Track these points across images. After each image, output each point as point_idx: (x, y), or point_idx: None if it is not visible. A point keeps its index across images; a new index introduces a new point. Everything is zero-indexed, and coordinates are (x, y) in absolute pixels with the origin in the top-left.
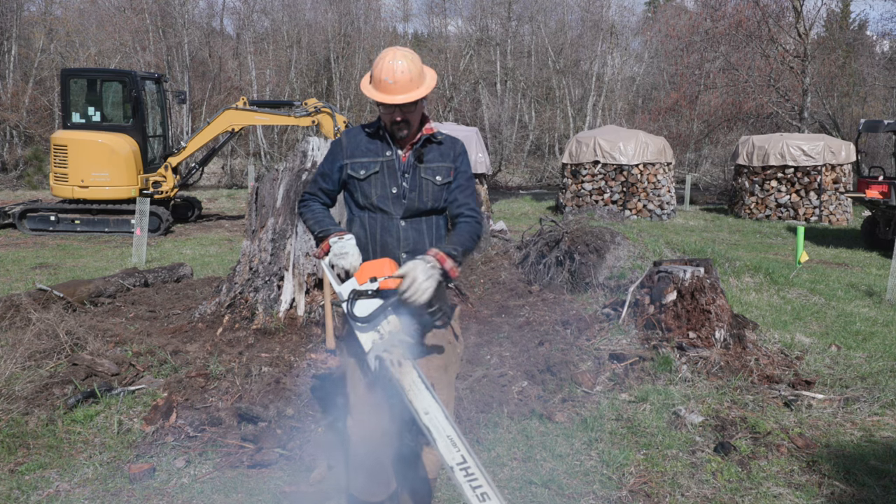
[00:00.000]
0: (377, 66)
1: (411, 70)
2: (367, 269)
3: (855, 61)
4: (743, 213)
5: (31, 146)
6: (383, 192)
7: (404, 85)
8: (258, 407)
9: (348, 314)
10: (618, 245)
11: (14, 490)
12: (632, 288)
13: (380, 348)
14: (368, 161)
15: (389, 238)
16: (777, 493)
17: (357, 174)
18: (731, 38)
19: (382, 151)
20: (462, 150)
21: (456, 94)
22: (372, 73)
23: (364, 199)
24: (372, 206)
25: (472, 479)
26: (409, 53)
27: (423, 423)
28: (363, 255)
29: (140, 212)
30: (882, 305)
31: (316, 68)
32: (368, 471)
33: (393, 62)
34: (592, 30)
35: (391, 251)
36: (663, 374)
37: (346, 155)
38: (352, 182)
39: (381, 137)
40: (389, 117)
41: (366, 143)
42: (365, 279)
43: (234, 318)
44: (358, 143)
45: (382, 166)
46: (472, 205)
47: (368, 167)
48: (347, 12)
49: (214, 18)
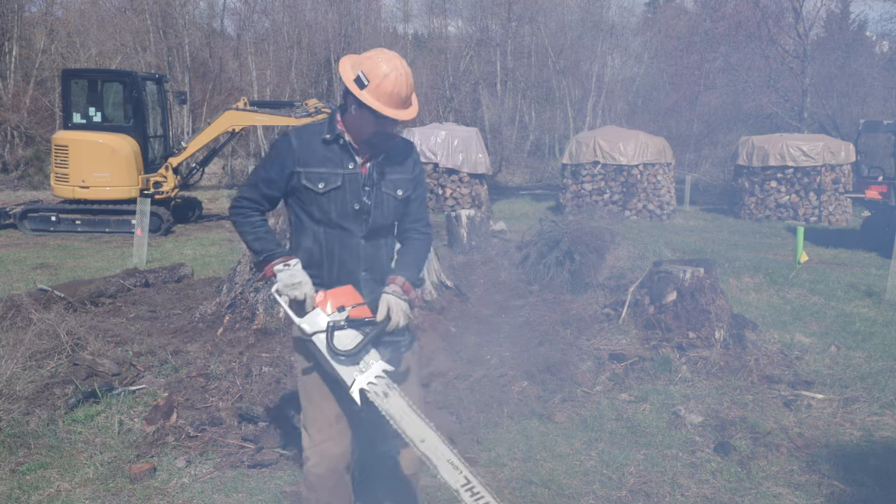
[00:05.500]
0: (385, 77)
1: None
2: (331, 298)
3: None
4: (743, 213)
5: (32, 146)
6: (344, 208)
7: (411, 98)
8: (258, 407)
9: (329, 349)
10: (618, 245)
11: (15, 490)
12: (632, 288)
13: (363, 381)
14: (327, 173)
15: (349, 256)
16: (777, 492)
17: (314, 186)
18: (730, 39)
19: (343, 163)
20: (417, 156)
21: (456, 95)
22: (373, 82)
23: (321, 213)
24: (330, 222)
25: (479, 498)
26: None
27: (420, 451)
28: (317, 271)
29: (141, 212)
30: (882, 305)
31: (316, 69)
32: (329, 492)
33: (402, 75)
34: (592, 30)
35: (350, 270)
36: (663, 374)
37: (298, 161)
38: (306, 193)
39: (342, 146)
40: (379, 129)
41: (322, 151)
42: (332, 309)
43: (235, 318)
44: (313, 149)
45: (344, 180)
46: (426, 219)
47: (328, 180)
48: (348, 13)
49: (215, 19)
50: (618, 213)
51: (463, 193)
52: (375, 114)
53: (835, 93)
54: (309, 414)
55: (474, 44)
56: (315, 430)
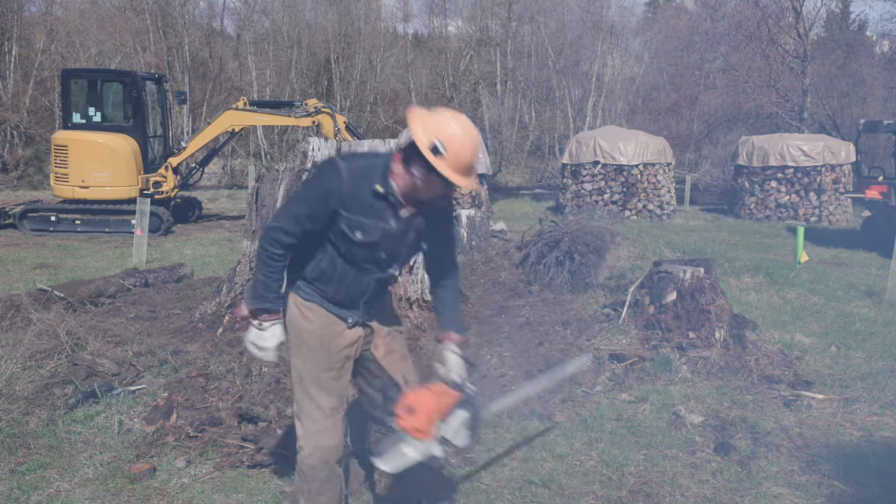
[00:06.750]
0: (462, 147)
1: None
2: (424, 409)
3: (855, 62)
4: (743, 213)
5: (32, 146)
6: (372, 256)
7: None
8: (258, 407)
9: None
10: (618, 245)
11: (14, 490)
12: (632, 288)
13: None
14: (370, 224)
15: (358, 287)
16: (777, 493)
17: (351, 234)
18: (730, 39)
19: (386, 219)
20: (452, 206)
21: (456, 95)
22: (450, 151)
23: (348, 253)
24: (353, 261)
25: None
26: (472, 125)
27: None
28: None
29: (140, 212)
30: (882, 305)
31: (316, 69)
32: (321, 483)
33: (476, 144)
34: (592, 30)
35: (353, 297)
36: (663, 374)
37: (343, 203)
38: (341, 234)
39: (391, 203)
40: (437, 192)
41: (370, 200)
42: (430, 423)
43: (235, 317)
44: (361, 196)
45: (382, 234)
46: (455, 255)
47: (367, 231)
48: (347, 13)
49: (215, 19)
50: (618, 213)
51: (463, 193)
52: (446, 181)
53: (835, 93)
54: (304, 404)
55: (474, 44)
56: (310, 420)
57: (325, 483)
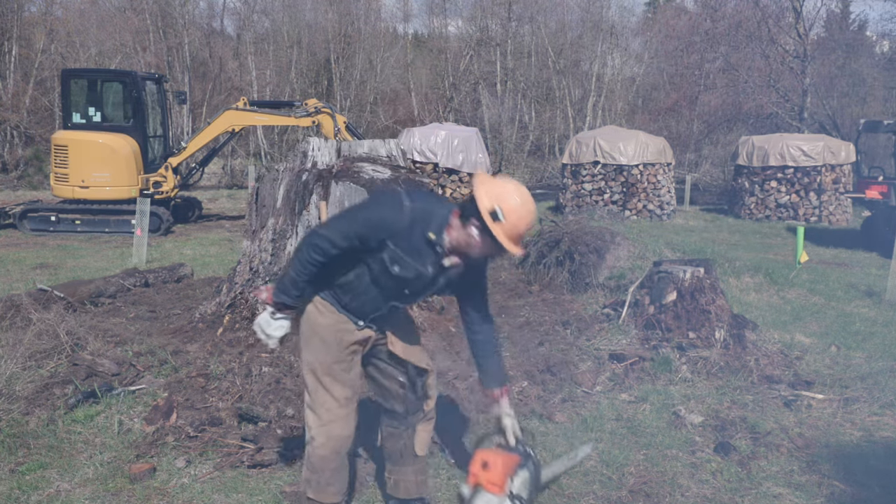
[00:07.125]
0: (520, 219)
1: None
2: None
3: (854, 61)
4: (743, 213)
5: (32, 146)
6: (399, 289)
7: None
8: (258, 407)
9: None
10: (618, 245)
11: (14, 490)
12: (632, 288)
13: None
14: (410, 264)
15: (372, 306)
16: (777, 493)
17: (391, 266)
18: (730, 39)
19: (427, 265)
20: (486, 262)
21: (456, 95)
22: (508, 219)
23: (378, 278)
24: (380, 287)
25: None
26: (532, 199)
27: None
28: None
29: (140, 212)
30: (882, 305)
31: (316, 69)
32: (331, 473)
33: (533, 217)
34: (592, 30)
35: (365, 312)
36: (663, 375)
37: (394, 238)
38: (380, 263)
39: (437, 252)
40: (485, 253)
41: (420, 244)
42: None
43: (235, 318)
44: (414, 238)
45: (417, 275)
46: (488, 303)
47: (405, 268)
48: (347, 13)
49: (215, 19)
50: (618, 213)
51: (463, 193)
52: (498, 245)
53: (835, 93)
54: (318, 395)
55: (474, 44)
56: (324, 410)
57: (335, 473)
